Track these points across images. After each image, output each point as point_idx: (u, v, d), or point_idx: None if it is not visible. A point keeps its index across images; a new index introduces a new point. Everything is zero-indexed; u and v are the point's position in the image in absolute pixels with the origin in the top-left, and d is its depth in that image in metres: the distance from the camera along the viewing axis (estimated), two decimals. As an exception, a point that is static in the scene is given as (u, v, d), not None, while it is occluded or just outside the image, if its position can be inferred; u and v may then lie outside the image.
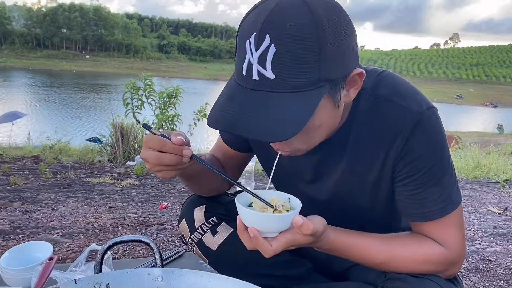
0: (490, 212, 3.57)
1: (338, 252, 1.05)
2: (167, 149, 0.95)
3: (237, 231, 0.95)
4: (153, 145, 0.95)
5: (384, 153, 1.02)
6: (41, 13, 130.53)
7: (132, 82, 6.66)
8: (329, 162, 1.10)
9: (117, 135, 6.00)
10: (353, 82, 0.91)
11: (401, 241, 1.07)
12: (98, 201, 3.26)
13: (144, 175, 4.46)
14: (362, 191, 1.11)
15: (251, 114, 0.83)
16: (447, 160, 1.02)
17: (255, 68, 0.82)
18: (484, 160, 7.29)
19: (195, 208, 1.39)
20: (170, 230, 2.62)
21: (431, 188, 1.00)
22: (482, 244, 2.71)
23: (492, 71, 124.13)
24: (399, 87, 1.02)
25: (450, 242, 1.04)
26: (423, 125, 0.96)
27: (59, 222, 2.70)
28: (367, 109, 1.02)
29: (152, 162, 0.96)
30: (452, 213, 1.02)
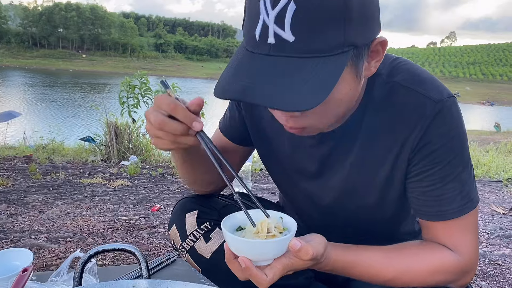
0: (494, 212, 3.46)
1: (340, 272, 0.93)
2: (178, 114, 0.82)
3: (226, 261, 0.84)
4: (163, 106, 0.83)
5: (399, 145, 0.92)
6: (37, 12, 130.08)
7: (128, 80, 6.55)
8: (337, 155, 1.00)
9: (111, 135, 5.87)
10: (375, 53, 0.82)
11: (409, 252, 0.95)
12: (88, 203, 3.12)
13: (137, 176, 4.33)
14: (372, 188, 1.00)
15: (266, 82, 0.72)
16: (467, 154, 0.92)
17: (271, 29, 0.71)
18: (483, 158, 7.22)
19: (186, 214, 1.26)
20: (163, 234, 2.49)
21: (449, 184, 0.90)
22: (490, 247, 2.59)
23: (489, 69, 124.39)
24: (417, 73, 0.93)
25: (464, 248, 0.93)
26: (443, 115, 0.88)
27: (46, 226, 2.57)
28: (382, 96, 0.92)
29: (154, 124, 0.83)
30: (469, 213, 0.92)
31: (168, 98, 0.83)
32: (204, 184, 1.22)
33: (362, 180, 1.01)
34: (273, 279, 0.81)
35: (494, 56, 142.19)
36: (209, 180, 1.21)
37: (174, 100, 0.83)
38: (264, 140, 1.16)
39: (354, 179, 1.02)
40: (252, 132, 1.19)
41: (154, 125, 0.84)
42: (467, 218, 0.93)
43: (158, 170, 4.61)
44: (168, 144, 0.86)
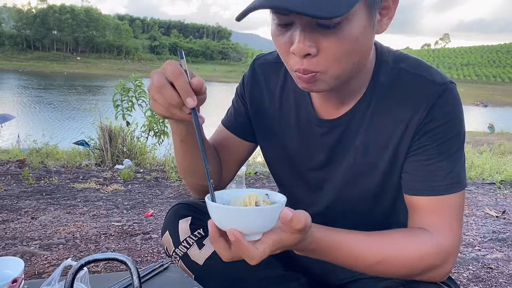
0: (488, 215, 3.47)
1: (324, 254, 0.91)
2: (177, 84, 0.83)
3: (210, 240, 0.79)
4: (168, 71, 0.83)
5: (404, 125, 0.97)
6: (31, 15, 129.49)
7: (122, 83, 6.53)
8: (346, 141, 1.04)
9: (105, 138, 5.84)
10: (386, 9, 0.88)
11: (392, 236, 0.95)
12: (81, 209, 3.11)
13: (131, 180, 4.31)
14: (376, 171, 1.02)
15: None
16: (463, 137, 0.97)
17: None
18: (477, 160, 7.24)
19: (179, 220, 1.25)
20: (156, 240, 2.48)
21: (443, 161, 0.95)
22: (482, 251, 2.60)
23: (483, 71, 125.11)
24: (421, 62, 1.01)
25: (446, 230, 0.94)
26: (446, 95, 0.94)
27: (38, 232, 2.55)
28: (388, 82, 0.99)
29: (155, 84, 0.84)
30: (456, 194, 0.95)
31: (177, 66, 0.84)
32: (199, 176, 1.16)
33: (367, 163, 1.03)
34: (264, 254, 0.76)
35: (487, 58, 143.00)
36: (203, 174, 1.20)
37: (180, 70, 0.83)
38: (270, 135, 1.16)
39: (359, 162, 1.04)
40: (257, 126, 1.20)
41: (155, 85, 0.84)
42: (454, 199, 0.95)
43: (152, 174, 4.60)
44: (162, 110, 0.87)
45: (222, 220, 0.76)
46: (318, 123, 1.07)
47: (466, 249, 2.62)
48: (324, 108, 1.07)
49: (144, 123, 6.49)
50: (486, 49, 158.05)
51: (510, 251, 2.61)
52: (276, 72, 1.16)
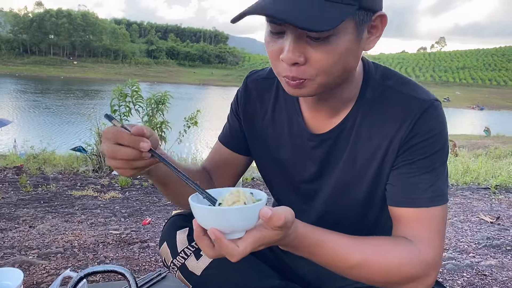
0: (482, 221, 3.50)
1: (306, 250, 0.93)
2: (124, 141, 0.86)
3: (195, 238, 0.82)
4: (110, 136, 0.86)
5: (388, 141, 1.01)
6: (28, 19, 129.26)
7: (119, 88, 6.55)
8: (335, 154, 1.08)
9: (102, 144, 5.86)
10: (375, 28, 0.93)
11: (375, 241, 0.98)
12: (79, 217, 3.13)
13: (129, 187, 4.33)
14: (363, 183, 1.06)
15: (283, 4, 0.81)
16: (447, 152, 1.01)
17: None
18: (473, 164, 7.28)
19: (177, 231, 1.28)
20: (153, 248, 2.50)
21: (425, 174, 0.98)
22: (477, 257, 2.63)
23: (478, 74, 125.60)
24: (407, 80, 1.05)
25: (428, 242, 0.96)
26: (430, 112, 0.98)
27: (36, 241, 2.57)
28: (375, 98, 1.03)
29: (108, 155, 0.87)
30: (438, 208, 0.98)
31: (113, 128, 0.87)
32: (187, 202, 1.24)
33: (355, 175, 1.06)
34: (245, 251, 0.78)
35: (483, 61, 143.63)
36: None
37: (118, 129, 0.86)
38: (263, 148, 1.20)
39: (347, 174, 1.07)
40: (251, 140, 1.23)
41: (107, 156, 0.88)
42: (436, 212, 0.98)
43: (149, 181, 4.61)
44: (128, 171, 0.90)
45: (204, 220, 0.79)
46: (309, 137, 1.11)
47: (461, 255, 2.65)
48: (314, 122, 1.11)
49: (141, 128, 6.51)
50: (481, 53, 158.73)
51: (504, 258, 2.64)
52: (268, 87, 1.20)
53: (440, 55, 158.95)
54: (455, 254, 2.67)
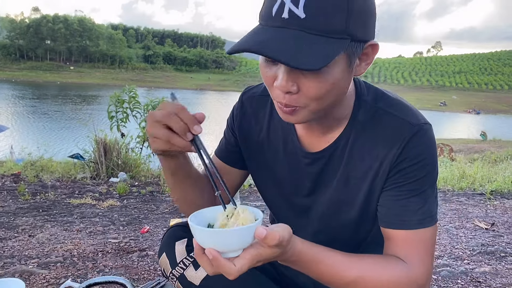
0: (477, 227, 3.54)
1: (304, 266, 0.98)
2: (182, 114, 0.91)
3: (195, 256, 0.87)
4: (171, 107, 0.92)
5: (379, 163, 1.04)
6: (25, 25, 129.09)
7: (116, 94, 6.57)
8: (328, 172, 1.11)
9: (99, 151, 5.87)
10: (366, 55, 0.96)
11: (370, 260, 1.03)
12: (78, 225, 3.15)
13: (127, 195, 4.36)
14: (355, 202, 1.10)
15: (277, 42, 0.84)
16: (435, 175, 1.04)
17: (287, 6, 0.85)
18: (469, 169, 7.32)
19: (176, 242, 1.31)
20: (152, 257, 2.53)
21: (414, 197, 1.02)
22: (471, 264, 2.67)
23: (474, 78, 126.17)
24: (398, 102, 1.07)
25: (417, 262, 1.01)
26: (420, 136, 1.00)
27: (36, 251, 2.59)
28: (366, 119, 1.06)
29: (159, 118, 0.92)
30: (428, 229, 1.02)
31: (177, 103, 0.94)
32: (191, 204, 1.23)
33: (348, 193, 1.10)
34: (241, 269, 0.83)
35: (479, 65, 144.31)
36: (196, 201, 1.24)
37: (181, 104, 0.93)
38: (259, 163, 1.24)
39: (340, 193, 1.11)
40: (246, 155, 1.27)
41: (159, 119, 0.92)
42: (425, 233, 1.02)
43: (147, 188, 4.64)
44: (161, 144, 0.94)
45: (202, 240, 0.84)
46: (303, 155, 1.15)
47: (456, 262, 2.69)
48: (308, 140, 1.14)
49: (139, 134, 6.53)
50: (477, 57, 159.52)
51: (498, 264, 2.68)
52: (263, 105, 1.24)
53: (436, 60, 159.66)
54: (450, 261, 2.71)
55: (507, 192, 5.10)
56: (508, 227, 3.54)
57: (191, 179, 1.17)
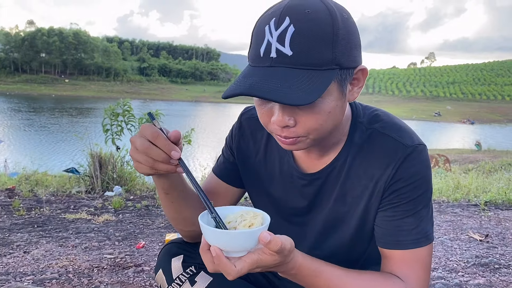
0: (471, 239, 3.56)
1: (303, 279, 1.01)
2: (159, 142, 0.94)
3: (200, 251, 0.91)
4: (147, 133, 0.95)
5: (374, 183, 1.06)
6: (19, 38, 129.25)
7: (111, 107, 6.58)
8: (324, 192, 1.13)
9: (95, 165, 5.88)
10: (357, 80, 0.99)
11: (368, 276, 1.05)
12: (73, 241, 3.14)
13: (122, 209, 4.35)
14: (351, 222, 1.12)
15: (270, 82, 0.88)
16: (430, 195, 1.06)
17: (274, 46, 0.89)
18: (464, 180, 7.36)
19: (172, 258, 1.33)
20: (148, 272, 2.53)
21: (409, 218, 1.04)
22: (466, 276, 2.68)
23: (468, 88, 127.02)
24: (393, 123, 1.09)
25: (413, 280, 1.03)
26: (413, 157, 1.03)
27: (31, 267, 2.59)
28: (362, 141, 1.08)
29: (139, 148, 0.95)
30: (424, 248, 1.04)
31: (152, 127, 0.96)
32: (185, 223, 1.25)
33: (344, 212, 1.12)
34: (241, 271, 0.86)
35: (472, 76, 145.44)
36: (190, 220, 1.26)
37: (157, 130, 0.95)
38: (256, 182, 1.26)
39: (336, 211, 1.13)
40: (244, 174, 1.29)
41: (139, 150, 0.95)
42: (421, 253, 1.04)
43: (143, 202, 4.64)
44: (146, 169, 0.98)
45: (209, 238, 0.88)
46: (299, 176, 1.17)
47: (450, 275, 2.70)
48: (304, 162, 1.17)
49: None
50: (470, 68, 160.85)
51: (492, 276, 2.69)
52: (261, 127, 1.26)
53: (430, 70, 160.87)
54: (444, 273, 2.72)
55: (501, 203, 5.13)
56: (502, 239, 3.56)
57: (185, 197, 1.18)
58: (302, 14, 0.88)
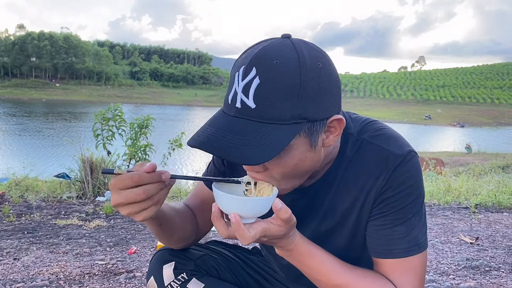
0: (462, 242, 3.59)
1: (299, 258, 1.03)
2: (145, 180, 0.88)
3: (212, 219, 0.94)
4: (126, 184, 0.87)
5: (365, 194, 1.06)
6: (9, 42, 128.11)
7: (102, 112, 6.54)
8: (315, 205, 1.14)
9: (86, 170, 5.83)
10: (333, 128, 0.96)
11: (360, 272, 1.06)
12: (64, 247, 3.12)
13: (113, 215, 4.33)
14: (343, 232, 1.12)
15: (227, 137, 0.88)
16: (421, 203, 1.06)
17: (239, 96, 0.89)
18: (454, 183, 7.41)
19: (163, 265, 1.32)
20: (140, 278, 2.51)
21: (399, 226, 1.04)
22: (456, 279, 2.70)
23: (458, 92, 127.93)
24: (383, 132, 1.09)
25: (408, 286, 1.03)
26: (403, 166, 1.03)
27: (21, 274, 2.56)
28: (353, 153, 1.08)
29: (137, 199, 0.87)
30: (416, 256, 1.04)
31: (122, 176, 0.88)
32: (179, 241, 1.27)
33: (334, 223, 1.13)
34: (254, 237, 0.91)
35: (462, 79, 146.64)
36: (183, 237, 1.27)
37: (130, 174, 0.88)
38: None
39: (327, 222, 1.13)
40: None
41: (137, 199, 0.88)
42: (413, 261, 1.04)
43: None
44: (153, 210, 0.92)
45: (226, 206, 0.92)
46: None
47: (441, 277, 2.72)
48: None
49: (125, 152, 6.50)
50: (460, 71, 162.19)
51: (483, 279, 2.71)
52: None
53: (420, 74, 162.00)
54: (435, 276, 2.74)
55: (491, 206, 5.18)
56: (492, 241, 3.59)
57: (176, 219, 1.18)
58: (269, 65, 0.87)
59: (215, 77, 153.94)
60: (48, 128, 37.36)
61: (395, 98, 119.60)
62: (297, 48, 0.89)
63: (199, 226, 1.30)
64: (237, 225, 0.89)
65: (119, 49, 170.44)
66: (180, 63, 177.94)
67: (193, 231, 1.28)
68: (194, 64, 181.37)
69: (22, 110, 59.71)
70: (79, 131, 11.92)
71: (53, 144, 25.47)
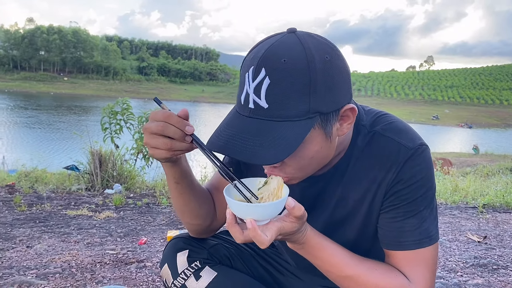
0: (470, 240, 3.59)
1: (310, 251, 1.05)
2: (172, 120, 0.96)
3: (227, 226, 0.95)
4: (159, 116, 0.97)
5: (376, 185, 1.07)
6: (19, 35, 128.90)
7: (110, 106, 6.59)
8: (326, 194, 1.15)
9: (95, 163, 5.88)
10: (346, 117, 0.98)
11: (371, 263, 1.08)
12: (76, 237, 3.16)
13: (123, 206, 4.37)
14: (353, 223, 1.14)
15: (243, 139, 0.90)
16: (432, 195, 1.07)
17: (251, 97, 0.91)
18: (462, 183, 7.40)
19: (177, 253, 1.35)
20: (150, 268, 2.55)
21: (410, 219, 1.05)
22: (464, 276, 2.71)
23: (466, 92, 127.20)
24: (395, 125, 1.10)
25: (418, 279, 1.05)
26: (414, 159, 1.03)
27: (34, 261, 2.61)
28: (364, 144, 1.09)
29: (155, 131, 0.97)
30: (427, 248, 1.05)
31: (163, 111, 0.99)
32: (192, 215, 1.27)
33: (345, 213, 1.14)
34: (271, 239, 0.91)
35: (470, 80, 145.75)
36: (197, 212, 1.27)
37: (167, 110, 0.99)
38: None
39: (338, 213, 1.15)
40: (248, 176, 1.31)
41: (155, 132, 0.97)
42: (424, 253, 1.06)
43: (143, 200, 4.66)
44: (163, 153, 1.00)
45: (241, 212, 0.93)
46: None
47: (449, 274, 2.73)
48: None
49: (133, 146, 6.55)
50: (469, 72, 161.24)
51: (491, 277, 2.72)
52: None
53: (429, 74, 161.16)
54: (443, 273, 2.75)
55: (499, 206, 5.16)
56: (500, 240, 3.59)
57: (193, 188, 1.21)
58: (278, 64, 0.88)
59: (222, 73, 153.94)
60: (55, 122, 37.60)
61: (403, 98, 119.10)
62: (303, 43, 0.90)
63: (215, 211, 1.32)
64: (254, 231, 0.90)
65: (127, 44, 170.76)
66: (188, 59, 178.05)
67: (209, 212, 1.29)
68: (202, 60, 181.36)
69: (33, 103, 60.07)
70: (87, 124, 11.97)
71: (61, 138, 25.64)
